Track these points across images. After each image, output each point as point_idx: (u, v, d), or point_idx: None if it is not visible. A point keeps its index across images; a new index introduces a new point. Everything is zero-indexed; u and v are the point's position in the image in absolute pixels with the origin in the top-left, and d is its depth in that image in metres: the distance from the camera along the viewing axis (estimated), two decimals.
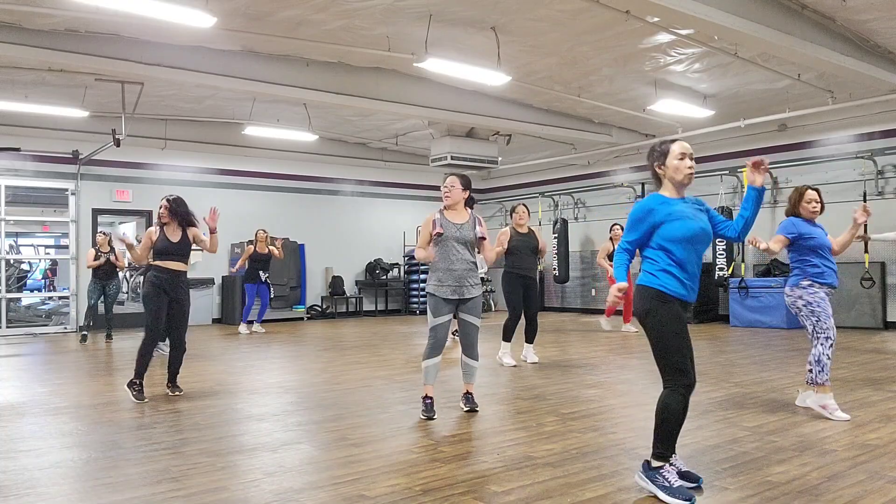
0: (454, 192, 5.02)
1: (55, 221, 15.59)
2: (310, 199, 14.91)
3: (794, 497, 3.13)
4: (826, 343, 4.71)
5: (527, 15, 7.49)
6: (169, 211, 5.84)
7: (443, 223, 4.94)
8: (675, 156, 3.25)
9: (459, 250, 4.92)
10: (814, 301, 4.75)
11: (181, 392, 5.80)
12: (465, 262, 4.91)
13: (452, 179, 5.06)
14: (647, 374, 6.54)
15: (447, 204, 5.04)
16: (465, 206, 5.08)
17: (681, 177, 3.25)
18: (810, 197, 4.92)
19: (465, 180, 5.09)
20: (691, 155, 3.27)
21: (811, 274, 4.78)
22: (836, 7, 7.28)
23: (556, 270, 14.33)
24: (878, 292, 10.58)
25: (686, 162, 3.25)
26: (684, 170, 3.24)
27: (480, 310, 5.05)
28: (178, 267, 5.87)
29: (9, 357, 8.62)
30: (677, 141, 3.32)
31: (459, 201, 5.04)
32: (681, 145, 3.27)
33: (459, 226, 4.95)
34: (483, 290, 5.15)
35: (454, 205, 5.03)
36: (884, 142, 10.68)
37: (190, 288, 6.28)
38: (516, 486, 3.30)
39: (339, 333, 11.25)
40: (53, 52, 7.73)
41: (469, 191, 5.10)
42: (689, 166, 3.25)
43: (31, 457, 3.90)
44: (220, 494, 3.24)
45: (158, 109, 11.39)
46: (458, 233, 4.93)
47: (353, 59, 9.17)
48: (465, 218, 5.01)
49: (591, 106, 11.00)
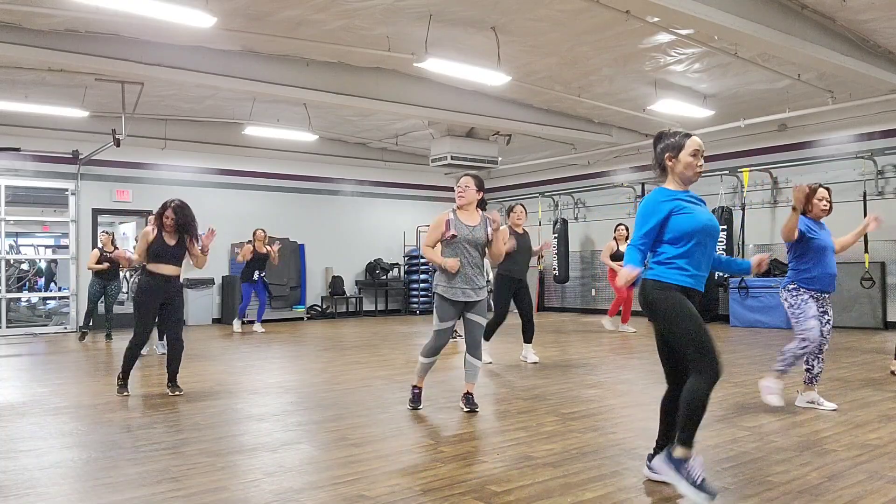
0: (468, 192, 5.00)
1: (55, 221, 15.59)
2: (310, 199, 14.91)
3: (794, 497, 3.12)
4: (801, 343, 4.83)
5: (527, 15, 7.49)
6: (175, 222, 5.76)
7: (456, 225, 4.94)
8: (690, 151, 3.21)
9: (471, 253, 4.92)
10: (796, 304, 4.87)
11: (181, 392, 5.80)
12: (475, 265, 4.93)
13: (467, 180, 5.04)
14: (647, 374, 6.54)
15: (461, 204, 5.02)
16: (476, 208, 5.07)
17: (691, 173, 3.22)
18: (822, 195, 4.94)
19: (479, 181, 5.08)
20: (703, 153, 3.26)
21: (800, 278, 4.88)
22: (836, 7, 7.28)
23: (556, 270, 14.33)
24: (878, 292, 10.57)
25: (699, 160, 3.23)
26: (696, 167, 3.22)
27: (486, 310, 5.07)
28: (172, 272, 5.84)
29: (9, 357, 8.62)
30: (692, 137, 3.26)
31: (473, 202, 5.03)
32: (696, 142, 3.24)
33: (472, 228, 4.95)
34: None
35: (467, 205, 5.03)
36: (884, 142, 10.68)
37: (189, 287, 6.27)
38: (516, 486, 3.30)
39: (339, 333, 11.25)
40: (53, 52, 7.73)
41: (483, 192, 5.09)
42: (700, 164, 3.24)
43: (31, 457, 3.90)
44: (220, 494, 3.24)
45: (158, 109, 11.39)
46: (471, 235, 4.92)
47: (353, 59, 9.17)
48: (476, 220, 5.00)
49: (591, 106, 11.00)
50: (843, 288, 10.80)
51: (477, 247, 4.95)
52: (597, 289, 14.76)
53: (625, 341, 9.51)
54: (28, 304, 13.68)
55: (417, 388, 5.14)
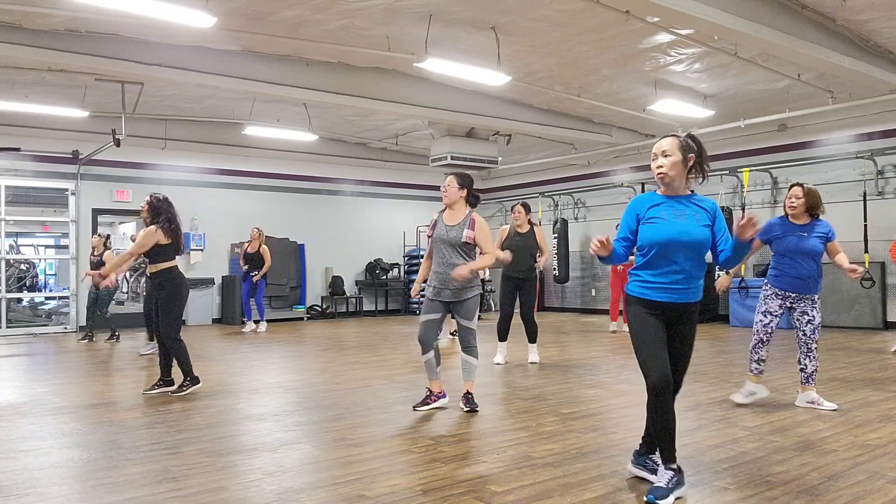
0: (450, 190, 5.00)
1: (55, 221, 15.60)
2: (310, 199, 14.91)
3: (794, 497, 3.12)
4: (753, 338, 5.05)
5: (527, 15, 7.49)
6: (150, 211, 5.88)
7: (437, 224, 4.97)
8: (652, 155, 3.20)
9: (445, 253, 4.91)
10: (760, 298, 5.08)
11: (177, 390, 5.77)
12: (449, 265, 4.85)
13: (450, 178, 5.05)
14: None
15: (445, 203, 5.04)
16: (466, 205, 5.05)
17: (654, 176, 3.20)
18: (791, 193, 5.00)
19: (463, 179, 5.04)
20: (664, 153, 3.14)
21: (768, 274, 5.06)
22: (836, 7, 7.27)
23: (556, 270, 14.33)
24: (878, 292, 10.58)
25: (656, 161, 3.16)
26: (654, 169, 3.18)
27: (474, 312, 4.99)
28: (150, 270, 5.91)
29: (9, 357, 8.62)
30: (660, 139, 3.22)
31: (456, 200, 5.01)
32: (657, 144, 3.19)
33: (449, 228, 4.95)
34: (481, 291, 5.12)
35: (451, 204, 5.02)
36: (884, 142, 10.68)
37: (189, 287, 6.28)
38: (516, 486, 3.30)
39: (339, 333, 11.25)
40: (53, 52, 7.72)
41: (468, 189, 5.04)
42: (658, 165, 3.15)
43: (31, 457, 3.90)
44: (220, 494, 3.24)
45: (158, 109, 11.39)
46: (446, 234, 4.93)
47: (353, 59, 9.17)
48: (458, 219, 4.97)
49: (591, 106, 11.00)
50: (843, 288, 10.81)
51: (453, 246, 4.90)
52: (597, 289, 14.77)
53: (625, 341, 9.51)
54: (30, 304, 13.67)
55: (428, 390, 5.11)
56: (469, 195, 5.07)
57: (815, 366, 4.98)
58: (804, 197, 4.91)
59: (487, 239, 5.00)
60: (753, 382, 5.13)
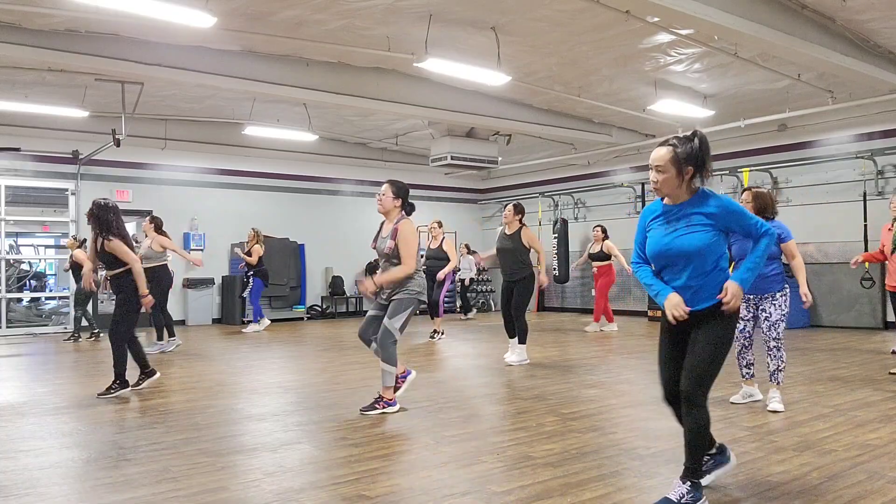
0: (384, 199, 4.93)
1: (55, 221, 15.59)
2: (310, 199, 14.91)
3: (794, 497, 3.12)
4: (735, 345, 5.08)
5: (527, 15, 7.49)
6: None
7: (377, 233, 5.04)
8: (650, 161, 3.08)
9: (382, 261, 5.00)
10: None
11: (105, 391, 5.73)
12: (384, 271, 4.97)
13: (385, 186, 4.97)
14: (647, 374, 6.54)
15: (379, 211, 5.00)
16: (400, 213, 4.94)
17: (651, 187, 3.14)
18: (741, 198, 5.06)
19: (398, 188, 4.94)
20: (657, 168, 2.99)
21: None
22: (836, 7, 7.27)
23: (556, 270, 14.33)
24: (878, 292, 10.57)
25: (651, 174, 3.05)
26: (651, 183, 3.08)
27: (397, 314, 4.93)
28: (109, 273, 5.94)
29: (9, 357, 8.62)
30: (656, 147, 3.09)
31: (390, 210, 4.94)
32: (652, 154, 3.05)
33: (383, 238, 4.97)
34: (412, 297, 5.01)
35: (386, 213, 4.97)
36: (884, 142, 10.68)
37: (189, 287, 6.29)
38: (516, 486, 3.30)
39: (339, 333, 11.25)
40: (53, 52, 7.72)
41: (402, 198, 4.96)
42: (653, 180, 3.04)
43: (31, 457, 3.90)
44: (220, 494, 3.24)
45: (158, 109, 11.39)
46: (378, 245, 5.00)
47: (353, 59, 9.16)
48: (389, 229, 4.93)
49: (591, 106, 10.99)
50: (842, 288, 10.82)
51: (384, 256, 4.94)
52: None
53: (625, 341, 9.51)
54: (30, 304, 13.67)
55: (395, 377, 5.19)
56: (404, 204, 4.98)
57: (779, 364, 4.91)
58: (752, 201, 4.96)
59: (407, 250, 4.82)
60: (748, 386, 5.19)
